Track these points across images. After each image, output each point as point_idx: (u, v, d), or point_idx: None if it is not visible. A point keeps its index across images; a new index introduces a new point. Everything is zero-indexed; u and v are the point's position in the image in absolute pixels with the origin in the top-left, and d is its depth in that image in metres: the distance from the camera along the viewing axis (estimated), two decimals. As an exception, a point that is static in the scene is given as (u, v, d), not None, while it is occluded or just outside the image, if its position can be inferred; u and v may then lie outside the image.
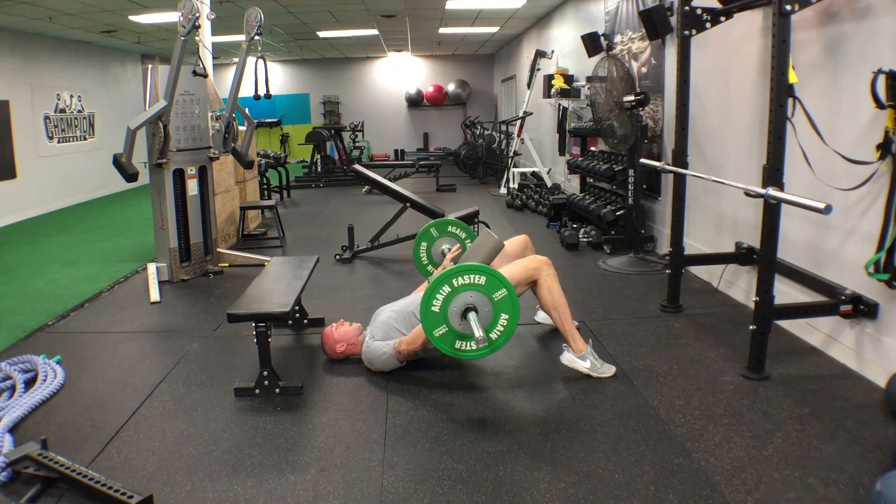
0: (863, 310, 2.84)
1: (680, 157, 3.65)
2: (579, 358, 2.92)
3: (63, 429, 2.59)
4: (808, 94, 3.01)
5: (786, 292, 3.32)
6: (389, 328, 3.04)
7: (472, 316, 2.54)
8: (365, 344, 3.06)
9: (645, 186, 5.34)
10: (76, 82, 9.96)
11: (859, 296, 2.86)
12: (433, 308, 2.58)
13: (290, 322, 3.65)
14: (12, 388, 2.96)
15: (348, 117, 14.98)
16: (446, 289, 2.57)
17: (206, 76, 4.91)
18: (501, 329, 2.62)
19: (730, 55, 4.02)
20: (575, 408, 2.66)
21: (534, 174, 9.36)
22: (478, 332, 2.44)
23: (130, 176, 4.35)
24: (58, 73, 9.46)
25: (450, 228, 3.77)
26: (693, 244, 4.45)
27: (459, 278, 2.56)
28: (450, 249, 3.65)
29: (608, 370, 2.93)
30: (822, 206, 2.36)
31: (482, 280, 2.57)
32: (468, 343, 2.62)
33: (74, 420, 2.67)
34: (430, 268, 3.83)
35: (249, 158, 5.43)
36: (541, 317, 3.57)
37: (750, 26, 3.74)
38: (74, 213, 8.73)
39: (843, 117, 2.94)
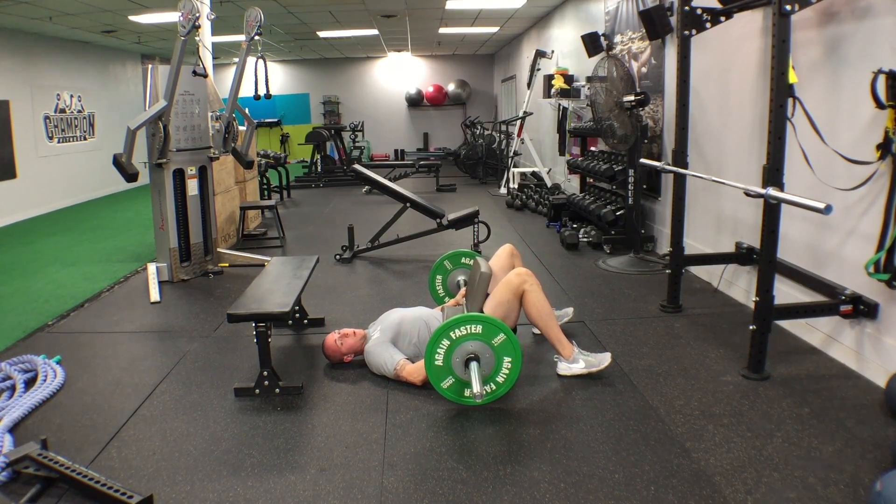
0: (863, 310, 2.84)
1: (680, 157, 3.65)
2: (571, 363, 2.93)
3: (63, 429, 2.59)
4: (808, 94, 3.01)
5: (786, 292, 3.32)
6: (401, 334, 3.04)
7: (473, 367, 2.56)
8: (368, 343, 3.06)
9: (645, 186, 5.34)
10: (76, 82, 9.96)
11: (859, 296, 2.86)
12: (436, 362, 2.61)
13: (290, 322, 3.65)
14: (12, 388, 2.97)
15: (348, 117, 14.98)
16: (446, 342, 2.60)
17: (206, 76, 4.91)
18: (506, 373, 2.65)
19: (730, 55, 4.02)
20: (575, 408, 2.66)
21: (534, 174, 9.37)
22: (476, 388, 2.44)
23: (130, 176, 4.35)
24: (58, 73, 9.46)
25: (463, 260, 3.79)
26: (693, 244, 4.45)
27: (457, 330, 2.59)
28: (465, 282, 3.69)
29: (604, 359, 2.92)
30: (822, 206, 2.36)
31: (479, 329, 2.60)
32: None
33: (74, 420, 2.67)
34: (447, 299, 3.83)
35: (249, 158, 5.43)
36: None
37: (750, 26, 3.74)
38: (74, 213, 8.73)
39: (843, 117, 2.94)
